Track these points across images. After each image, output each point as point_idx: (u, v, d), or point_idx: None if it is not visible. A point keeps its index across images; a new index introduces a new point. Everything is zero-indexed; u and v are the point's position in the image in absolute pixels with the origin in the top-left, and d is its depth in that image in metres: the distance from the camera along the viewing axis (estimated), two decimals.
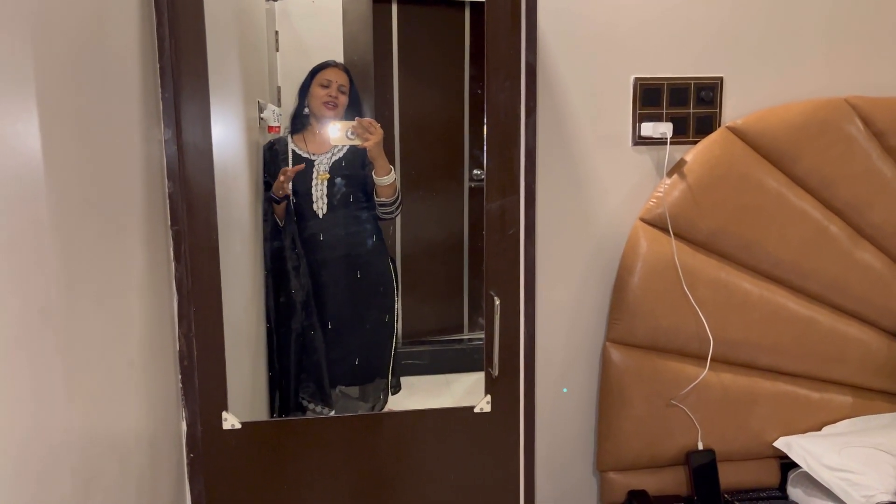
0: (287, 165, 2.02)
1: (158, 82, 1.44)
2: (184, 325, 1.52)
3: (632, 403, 1.93)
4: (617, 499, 1.99)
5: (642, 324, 1.91)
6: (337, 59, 2.09)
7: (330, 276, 2.09)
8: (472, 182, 2.50)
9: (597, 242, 1.97)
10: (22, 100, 0.89)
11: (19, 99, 0.88)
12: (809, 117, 1.92)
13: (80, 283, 1.05)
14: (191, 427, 1.57)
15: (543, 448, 2.02)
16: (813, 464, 1.86)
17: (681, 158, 1.92)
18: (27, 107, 0.89)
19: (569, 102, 1.89)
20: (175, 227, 1.49)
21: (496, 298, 1.59)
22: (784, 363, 2.00)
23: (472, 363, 2.41)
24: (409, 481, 1.69)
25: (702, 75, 1.93)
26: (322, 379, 2.11)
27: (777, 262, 1.95)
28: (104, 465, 1.14)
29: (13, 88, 0.87)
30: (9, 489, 0.83)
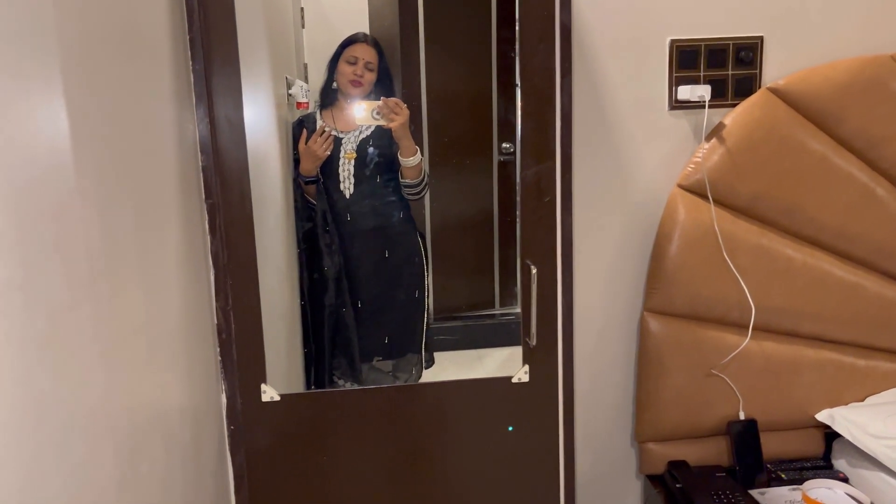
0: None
1: (189, 54, 1.43)
2: (221, 299, 1.53)
3: (671, 373, 1.90)
4: (656, 469, 1.97)
5: (681, 292, 1.87)
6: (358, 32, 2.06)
7: (359, 254, 2.08)
8: (502, 156, 2.47)
9: (633, 210, 1.93)
10: (51, 76, 0.88)
11: (49, 75, 0.87)
12: (855, 76, 1.84)
13: (119, 259, 1.06)
14: (230, 400, 1.58)
15: (581, 419, 2.00)
16: (857, 433, 1.82)
17: (719, 122, 1.87)
18: (56, 83, 0.89)
19: (603, 66, 1.85)
20: (209, 200, 1.49)
21: (533, 267, 1.56)
22: (828, 331, 1.94)
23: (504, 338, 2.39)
24: (447, 452, 1.68)
25: (741, 35, 1.87)
26: (353, 356, 2.11)
27: (821, 227, 1.89)
28: (149, 439, 1.15)
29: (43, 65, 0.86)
30: (55, 463, 0.84)
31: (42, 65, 0.85)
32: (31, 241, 0.80)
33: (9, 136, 0.76)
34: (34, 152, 0.82)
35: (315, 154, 1.96)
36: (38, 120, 0.83)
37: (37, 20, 0.84)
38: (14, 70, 0.78)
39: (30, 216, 0.80)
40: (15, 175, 0.77)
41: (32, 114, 0.82)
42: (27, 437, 0.78)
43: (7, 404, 0.74)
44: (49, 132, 0.85)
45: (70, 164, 0.90)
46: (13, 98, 0.78)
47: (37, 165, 0.82)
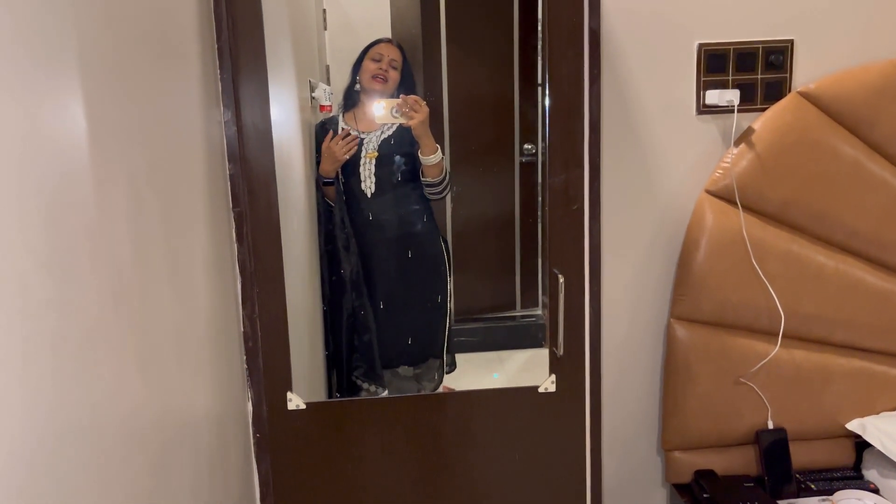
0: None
1: (217, 63, 1.43)
2: (247, 307, 1.53)
3: (698, 381, 1.87)
4: (683, 478, 1.95)
5: (709, 299, 1.84)
6: (385, 36, 2.06)
7: (381, 256, 2.08)
8: (524, 157, 2.45)
9: (659, 216, 1.91)
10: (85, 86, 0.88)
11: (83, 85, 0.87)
12: (888, 79, 1.80)
13: (150, 268, 1.06)
14: (256, 407, 1.58)
15: (607, 426, 1.98)
16: (889, 443, 1.78)
17: (748, 127, 1.84)
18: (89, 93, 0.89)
19: (630, 72, 1.82)
20: (237, 208, 1.49)
21: (560, 276, 1.55)
22: (860, 339, 1.91)
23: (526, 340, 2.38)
24: (473, 461, 1.68)
25: (770, 38, 1.84)
26: (374, 359, 2.11)
27: (853, 233, 1.86)
28: (178, 446, 1.15)
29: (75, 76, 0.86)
30: (84, 467, 0.84)
31: (72, 76, 0.85)
32: (63, 256, 0.80)
33: (38, 149, 0.76)
34: (64, 165, 0.82)
35: (335, 155, 1.95)
36: (68, 132, 0.83)
37: (67, 30, 0.84)
38: (44, 82, 0.78)
39: (62, 231, 0.80)
40: (46, 190, 0.77)
41: (62, 126, 0.82)
42: (62, 445, 0.78)
43: (44, 415, 0.74)
44: (78, 145, 0.85)
45: (101, 175, 0.90)
46: (44, 111, 0.77)
47: (68, 179, 0.82)
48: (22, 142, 0.72)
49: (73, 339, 0.82)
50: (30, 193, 0.73)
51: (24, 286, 0.71)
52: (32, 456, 0.72)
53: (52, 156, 0.79)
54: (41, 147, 0.76)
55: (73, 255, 0.82)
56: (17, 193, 0.71)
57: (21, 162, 0.72)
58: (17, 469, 0.69)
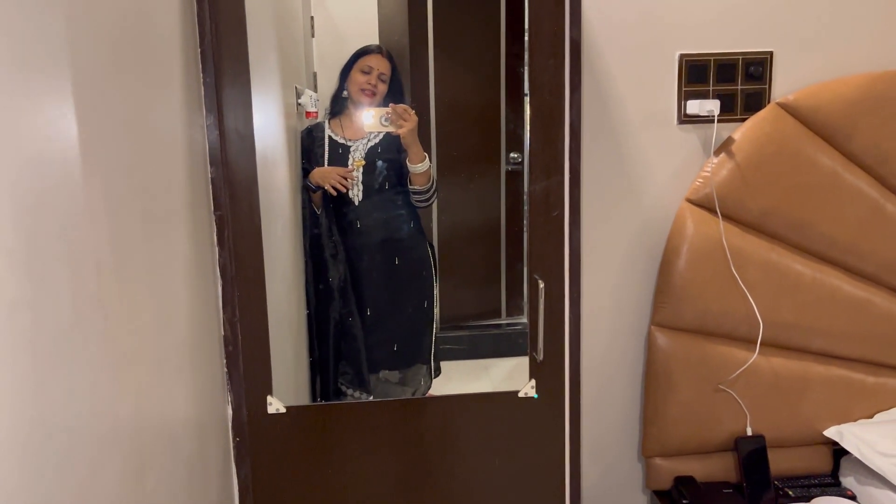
0: (323, 151, 2.01)
1: (200, 67, 1.44)
2: (228, 311, 1.53)
3: (678, 388, 1.89)
4: (663, 485, 1.96)
5: (689, 307, 1.86)
6: (373, 42, 2.07)
7: (368, 263, 2.08)
8: (510, 165, 2.47)
9: (641, 224, 1.92)
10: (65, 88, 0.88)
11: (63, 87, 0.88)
12: (865, 91, 1.84)
13: (128, 270, 1.06)
14: (236, 411, 1.58)
15: (588, 433, 1.99)
16: (866, 451, 1.80)
17: (728, 137, 1.86)
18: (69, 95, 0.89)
19: (612, 81, 1.85)
20: (218, 212, 1.49)
21: (540, 282, 1.56)
22: (838, 347, 1.93)
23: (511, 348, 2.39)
24: (454, 466, 1.68)
25: (750, 50, 1.87)
26: (361, 365, 2.11)
27: (831, 243, 1.88)
28: (155, 451, 1.15)
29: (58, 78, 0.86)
30: (62, 475, 0.84)
31: (54, 76, 0.85)
32: (41, 256, 0.80)
33: (19, 149, 0.76)
34: (45, 165, 0.82)
35: (325, 178, 1.97)
36: (49, 133, 0.83)
37: (50, 31, 0.84)
38: (26, 82, 0.79)
39: (40, 231, 0.80)
40: (26, 189, 0.77)
41: (43, 126, 0.82)
42: (36, 450, 0.78)
43: (17, 419, 0.74)
44: (60, 145, 0.86)
45: (81, 176, 0.90)
46: (25, 110, 0.78)
47: (48, 179, 0.83)
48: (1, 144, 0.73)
49: (49, 341, 0.82)
50: (6, 191, 0.73)
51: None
52: (5, 459, 0.72)
53: (29, 157, 0.79)
54: (17, 147, 0.77)
55: (48, 256, 0.82)
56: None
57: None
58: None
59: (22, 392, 0.75)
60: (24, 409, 0.76)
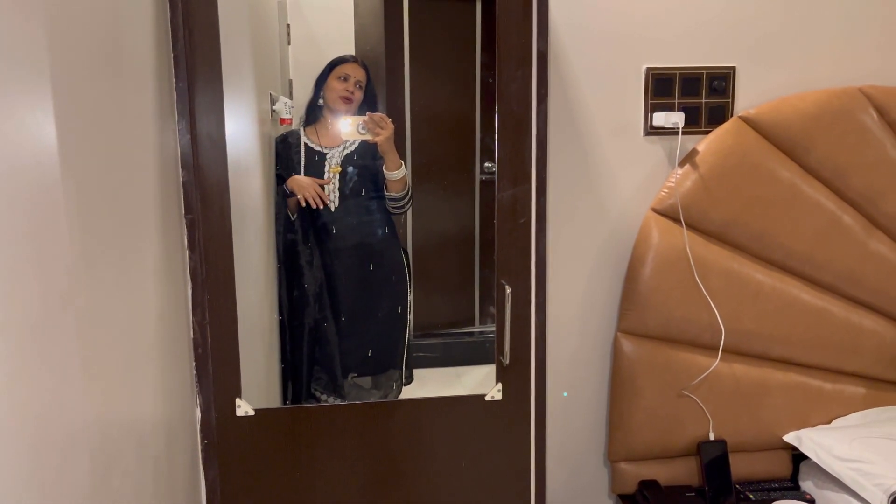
0: (300, 158, 2.03)
1: (172, 72, 1.46)
2: (198, 313, 1.54)
3: (643, 394, 1.93)
4: (628, 489, 1.99)
5: (654, 314, 1.90)
6: (348, 51, 2.10)
7: (343, 268, 2.10)
8: (484, 175, 2.50)
9: (608, 232, 1.97)
10: (38, 90, 0.90)
11: (36, 89, 0.89)
12: (823, 107, 1.90)
13: (98, 271, 1.07)
14: (205, 414, 1.58)
15: (555, 437, 2.02)
16: (824, 455, 1.85)
17: (693, 148, 1.92)
18: (43, 97, 0.91)
19: (580, 92, 1.89)
20: (189, 215, 1.50)
21: (507, 287, 1.59)
22: (797, 354, 1.99)
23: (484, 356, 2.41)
24: (421, 468, 1.70)
25: (714, 65, 1.92)
26: (335, 370, 2.12)
27: (790, 253, 1.94)
28: (122, 451, 1.16)
29: (29, 79, 0.88)
30: (27, 474, 0.84)
31: (29, 79, 0.87)
32: (11, 255, 0.81)
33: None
34: (15, 167, 0.83)
35: (301, 189, 1.99)
36: (21, 135, 0.85)
37: (26, 36, 0.86)
38: (2, 84, 0.80)
39: (10, 231, 0.81)
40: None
41: (15, 128, 0.83)
42: (2, 448, 0.79)
43: None
44: (34, 146, 0.87)
45: (53, 177, 0.92)
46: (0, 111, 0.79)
47: (21, 178, 0.84)
48: None
49: (17, 340, 0.82)
50: None
51: None
52: None
53: (6, 158, 0.80)
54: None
55: (18, 256, 0.83)
56: None
57: None
58: None
59: None
60: None
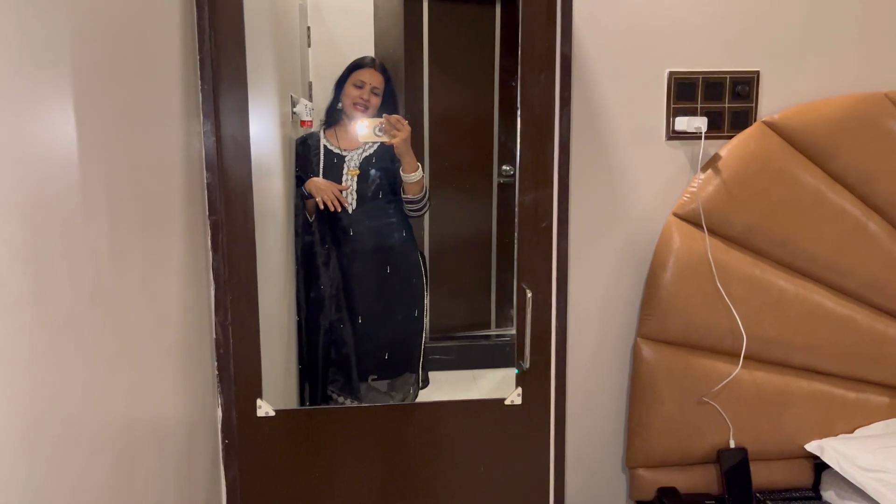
0: (319, 160, 2.03)
1: (198, 73, 1.47)
2: (220, 314, 1.55)
3: (662, 400, 1.91)
4: (646, 496, 1.98)
5: (674, 320, 1.89)
6: (368, 54, 2.10)
7: (360, 271, 2.10)
8: (501, 178, 2.50)
9: (629, 237, 1.96)
10: (65, 91, 0.91)
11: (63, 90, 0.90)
12: (848, 112, 1.88)
13: (125, 270, 1.08)
14: (226, 413, 1.59)
15: (573, 442, 2.01)
16: (846, 465, 1.83)
17: (715, 154, 1.90)
18: (68, 98, 0.92)
19: (602, 96, 1.88)
20: (213, 216, 1.51)
21: (528, 291, 1.59)
22: (819, 362, 1.97)
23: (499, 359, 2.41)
24: (439, 472, 1.70)
25: (738, 69, 1.91)
26: (351, 372, 2.12)
27: (813, 260, 1.92)
28: (146, 450, 1.17)
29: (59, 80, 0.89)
30: (55, 471, 0.85)
31: (56, 81, 0.88)
32: (41, 254, 0.82)
33: (22, 150, 0.78)
34: (46, 167, 0.84)
35: (319, 191, 1.99)
36: (50, 135, 0.86)
37: (52, 37, 0.87)
38: (29, 85, 0.81)
39: (41, 229, 0.82)
40: (27, 189, 0.79)
41: (45, 128, 0.84)
42: (31, 445, 0.80)
43: (13, 413, 0.76)
44: (60, 146, 0.88)
45: (80, 178, 0.93)
46: (27, 113, 0.80)
47: (49, 179, 0.85)
48: (6, 143, 0.75)
49: (47, 338, 0.83)
50: (12, 189, 0.76)
51: (1, 278, 0.73)
52: (3, 447, 0.74)
53: (35, 157, 0.81)
54: (24, 149, 0.79)
55: (50, 255, 0.84)
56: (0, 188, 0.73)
57: (4, 161, 0.74)
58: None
59: (19, 387, 0.77)
60: (20, 404, 0.77)
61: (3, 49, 0.75)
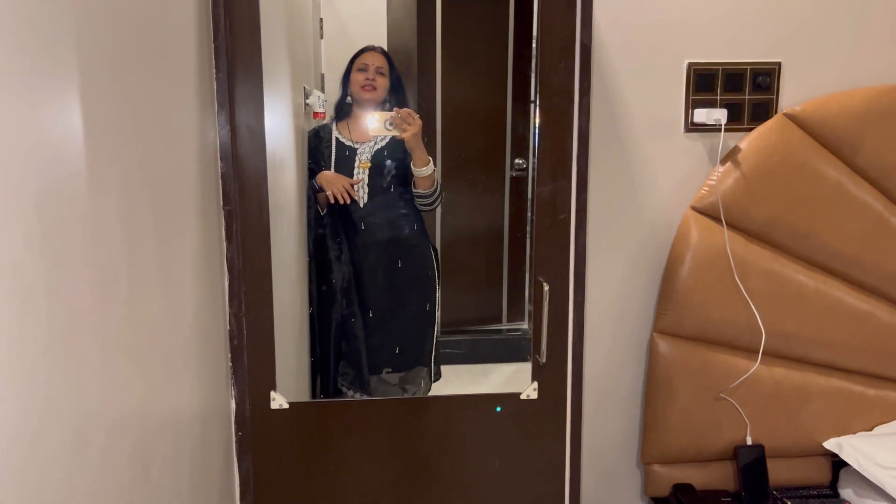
0: (331, 153, 2.02)
1: (213, 63, 1.45)
2: (234, 305, 1.53)
3: (679, 395, 1.89)
4: (661, 492, 1.96)
5: (692, 315, 1.87)
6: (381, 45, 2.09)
7: (371, 264, 2.09)
8: (514, 171, 2.48)
9: (646, 230, 1.93)
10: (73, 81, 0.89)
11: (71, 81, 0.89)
12: (872, 104, 1.85)
13: (140, 259, 1.07)
14: (239, 405, 1.58)
15: (588, 437, 1.99)
16: (865, 463, 1.80)
17: (735, 146, 1.87)
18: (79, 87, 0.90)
19: (620, 87, 1.86)
20: (227, 207, 1.50)
21: (545, 284, 1.57)
22: (839, 359, 1.94)
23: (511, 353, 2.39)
24: (453, 466, 1.68)
25: (758, 60, 1.88)
26: (361, 366, 2.11)
27: (834, 255, 1.89)
28: (160, 441, 1.16)
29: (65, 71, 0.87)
30: (70, 463, 0.84)
31: (71, 73, 0.86)
32: (56, 245, 0.81)
33: (35, 141, 0.77)
34: (60, 157, 0.83)
35: (330, 185, 1.98)
36: (64, 125, 0.84)
37: (63, 27, 0.85)
38: (41, 77, 0.80)
39: (56, 221, 0.81)
40: (42, 180, 0.78)
41: (59, 119, 0.83)
42: (48, 435, 0.79)
43: (27, 402, 0.75)
44: (73, 137, 0.87)
45: (93, 169, 0.91)
46: (41, 103, 0.79)
47: (62, 170, 0.84)
48: (20, 133, 0.74)
49: (62, 328, 0.82)
50: (27, 179, 0.74)
51: (18, 269, 0.72)
52: (18, 443, 0.73)
53: (50, 147, 0.80)
54: (39, 139, 0.78)
55: (65, 243, 0.83)
56: (15, 178, 0.72)
57: (19, 151, 0.73)
58: (5, 450, 0.70)
59: (34, 377, 0.76)
60: (35, 395, 0.76)
61: (15, 40, 0.73)
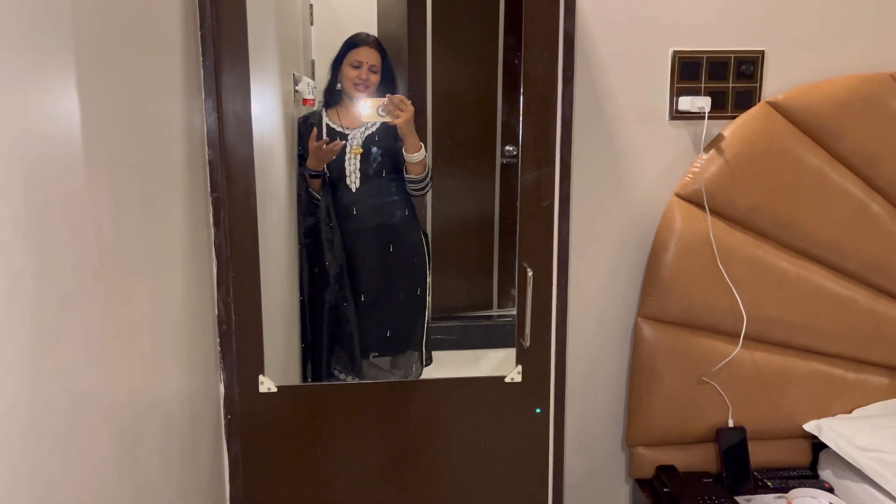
0: (321, 139, 2.03)
1: (200, 50, 1.46)
2: (222, 291, 1.56)
3: (663, 379, 1.92)
4: (645, 474, 2.00)
5: (675, 300, 1.90)
6: (370, 32, 2.09)
7: (363, 249, 2.11)
8: (504, 158, 2.49)
9: (631, 217, 1.96)
10: (63, 67, 0.91)
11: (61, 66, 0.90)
12: (854, 93, 1.87)
13: (128, 248, 1.09)
14: (228, 390, 1.61)
15: (573, 421, 2.03)
16: (843, 445, 1.84)
17: (719, 134, 1.89)
18: (68, 74, 0.92)
19: (605, 75, 1.87)
20: (215, 193, 1.52)
21: (529, 270, 1.59)
22: (819, 343, 1.97)
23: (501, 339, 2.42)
24: (439, 448, 1.71)
25: (742, 49, 1.89)
26: (354, 350, 2.14)
27: (816, 241, 1.92)
28: (150, 426, 1.18)
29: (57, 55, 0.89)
30: (60, 446, 0.87)
31: (57, 56, 0.88)
32: (44, 229, 0.83)
33: (24, 126, 0.79)
34: (47, 144, 0.84)
35: (321, 156, 1.99)
36: (53, 111, 0.86)
37: (53, 13, 0.87)
38: (31, 62, 0.81)
39: (43, 205, 0.83)
40: (30, 164, 0.80)
41: (47, 105, 0.84)
42: (36, 418, 0.81)
43: (16, 386, 0.77)
44: (62, 123, 0.88)
45: (82, 154, 0.93)
46: (28, 89, 0.80)
47: (51, 155, 0.85)
48: (7, 120, 0.75)
49: (51, 311, 0.84)
50: (14, 165, 0.76)
51: (5, 253, 0.74)
52: (7, 426, 0.75)
53: (37, 133, 0.82)
54: (26, 125, 0.79)
55: (53, 228, 0.85)
56: (2, 164, 0.73)
57: (6, 136, 0.74)
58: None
59: (23, 362, 0.78)
60: (24, 380, 0.78)
61: (4, 25, 0.75)
